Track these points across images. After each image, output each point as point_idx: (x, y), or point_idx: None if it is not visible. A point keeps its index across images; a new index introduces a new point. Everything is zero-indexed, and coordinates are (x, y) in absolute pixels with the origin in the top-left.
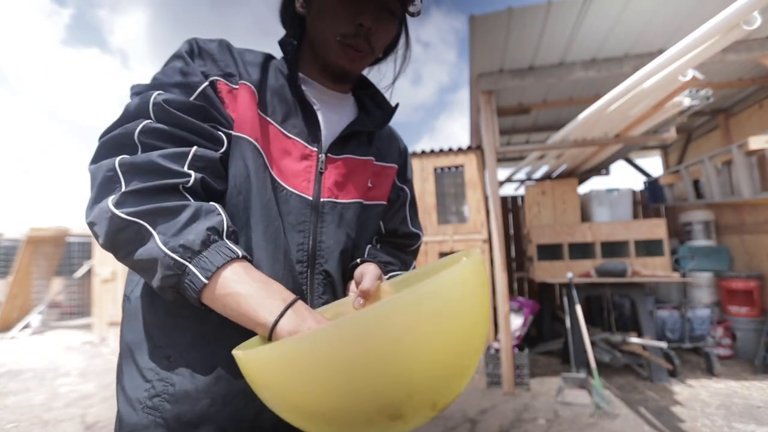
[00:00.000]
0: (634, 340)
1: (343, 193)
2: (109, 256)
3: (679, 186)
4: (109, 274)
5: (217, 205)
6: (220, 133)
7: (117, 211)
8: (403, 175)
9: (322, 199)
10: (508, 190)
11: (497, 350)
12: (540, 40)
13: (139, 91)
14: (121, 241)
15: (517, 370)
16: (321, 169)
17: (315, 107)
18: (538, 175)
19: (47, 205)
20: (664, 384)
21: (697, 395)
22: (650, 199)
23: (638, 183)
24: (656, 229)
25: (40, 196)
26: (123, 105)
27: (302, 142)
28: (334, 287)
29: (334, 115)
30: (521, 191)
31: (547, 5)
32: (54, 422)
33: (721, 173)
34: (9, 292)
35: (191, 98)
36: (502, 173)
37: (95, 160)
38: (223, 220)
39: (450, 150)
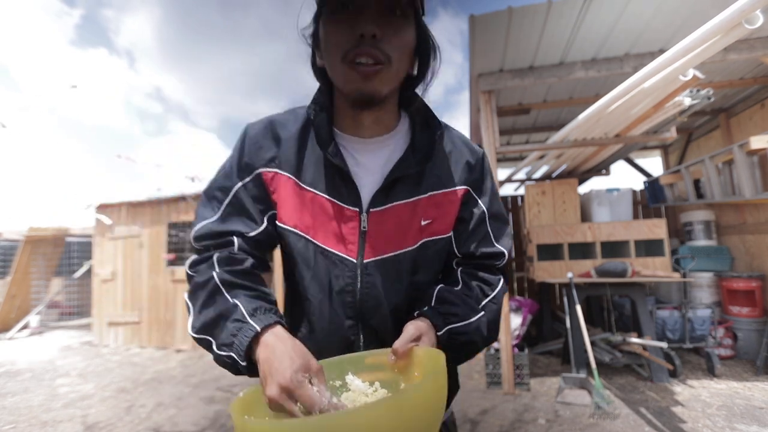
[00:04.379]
0: (635, 340)
1: (391, 245)
2: (109, 256)
3: (679, 186)
4: (108, 274)
5: (239, 303)
6: (254, 219)
7: (191, 332)
8: (479, 189)
9: (365, 261)
10: (508, 190)
11: (497, 350)
12: (540, 39)
13: (205, 191)
14: (202, 346)
15: (517, 370)
16: (364, 228)
17: (352, 164)
18: (538, 175)
19: (48, 204)
20: (664, 384)
21: (698, 396)
22: (650, 199)
23: (638, 183)
24: (656, 229)
25: (41, 195)
26: (128, 107)
27: (343, 204)
28: (385, 343)
29: (376, 162)
30: (521, 191)
31: (547, 5)
32: (53, 423)
33: (721, 173)
34: (7, 293)
35: (227, 200)
36: (502, 173)
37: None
38: (242, 311)
39: None
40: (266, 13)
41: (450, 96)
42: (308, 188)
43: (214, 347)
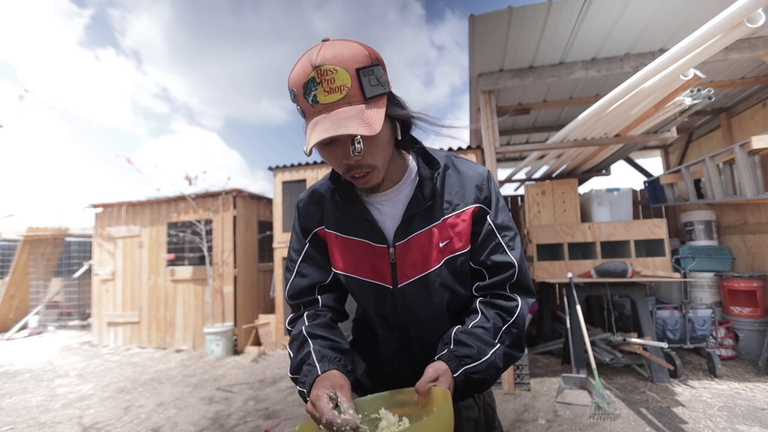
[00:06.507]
0: (635, 340)
1: (418, 269)
2: (109, 256)
3: (680, 186)
4: (108, 274)
5: (312, 353)
6: (325, 267)
7: (289, 375)
8: (488, 205)
9: (399, 285)
10: (508, 190)
11: None
12: (540, 39)
13: (286, 259)
14: (296, 384)
15: (517, 370)
16: (393, 260)
17: (375, 213)
18: (538, 175)
19: (49, 204)
20: (665, 384)
21: (699, 396)
22: (651, 199)
23: (639, 183)
24: (657, 228)
25: (43, 195)
26: (134, 107)
27: (374, 243)
28: (426, 347)
29: (394, 209)
30: (521, 191)
31: (547, 5)
32: (51, 424)
33: (722, 173)
34: (6, 293)
35: (300, 257)
36: (502, 173)
37: None
38: (313, 358)
39: (450, 150)
40: (275, 14)
41: (455, 97)
42: (347, 236)
43: (298, 384)
